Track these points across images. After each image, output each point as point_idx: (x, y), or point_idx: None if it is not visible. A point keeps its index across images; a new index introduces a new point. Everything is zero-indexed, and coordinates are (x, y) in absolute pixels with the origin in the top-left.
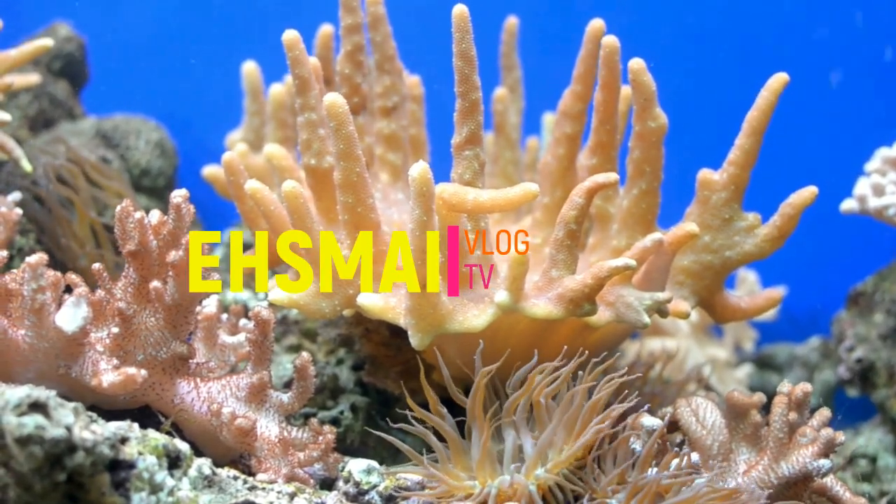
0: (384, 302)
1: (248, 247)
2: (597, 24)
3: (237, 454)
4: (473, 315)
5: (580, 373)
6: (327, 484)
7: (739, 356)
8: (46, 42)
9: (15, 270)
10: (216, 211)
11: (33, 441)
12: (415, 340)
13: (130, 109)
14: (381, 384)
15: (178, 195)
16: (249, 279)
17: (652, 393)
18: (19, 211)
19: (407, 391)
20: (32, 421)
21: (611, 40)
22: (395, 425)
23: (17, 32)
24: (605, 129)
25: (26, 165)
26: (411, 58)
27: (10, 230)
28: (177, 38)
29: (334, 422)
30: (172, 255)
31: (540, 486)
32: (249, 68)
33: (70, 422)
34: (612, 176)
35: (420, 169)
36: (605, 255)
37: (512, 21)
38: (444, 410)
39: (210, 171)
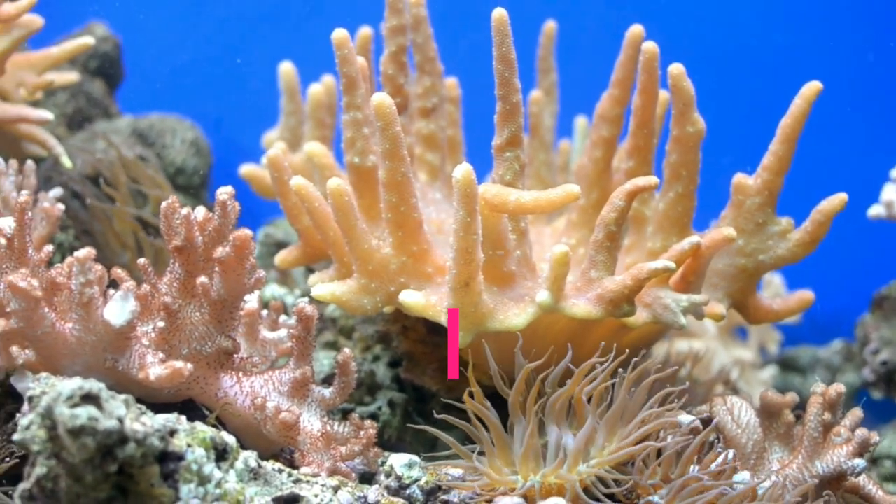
0: (426, 300)
1: (281, 245)
2: (636, 29)
3: (278, 448)
4: (514, 314)
5: (619, 370)
6: (367, 478)
7: (764, 358)
8: (88, 40)
9: (59, 265)
10: (247, 209)
11: (86, 432)
12: None
13: (163, 108)
14: (419, 381)
15: (224, 192)
16: (284, 276)
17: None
18: (61, 206)
19: (444, 388)
20: (85, 412)
21: (651, 46)
22: (439, 416)
23: (53, 31)
24: (642, 132)
25: (66, 162)
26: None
27: (53, 225)
28: (209, 39)
29: (372, 417)
30: (220, 252)
31: (581, 481)
32: (286, 69)
33: (122, 413)
34: (653, 179)
35: (464, 170)
36: (640, 256)
37: (550, 25)
38: (489, 404)
39: (248, 169)
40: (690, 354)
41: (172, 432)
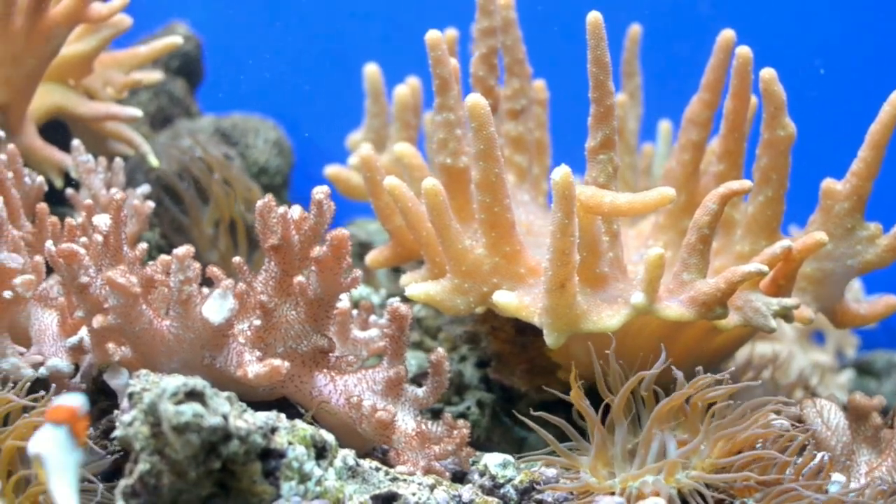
0: (519, 300)
1: (363, 245)
2: (727, 34)
3: (370, 447)
4: (608, 315)
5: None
6: (458, 477)
7: (840, 362)
8: (175, 40)
9: (153, 262)
10: None
11: (190, 429)
12: (550, 339)
13: (242, 108)
14: (508, 381)
15: (321, 191)
16: (368, 276)
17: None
18: (151, 204)
19: (533, 388)
20: (190, 409)
21: (744, 51)
22: (536, 415)
23: (134, 30)
24: (733, 136)
25: (153, 161)
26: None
27: (143, 223)
28: (288, 39)
29: (461, 417)
30: (317, 251)
31: (679, 489)
32: (371, 70)
33: (226, 410)
34: (747, 183)
35: (562, 172)
36: (728, 259)
37: (635, 29)
38: (588, 403)
39: (332, 170)
40: (772, 358)
41: (273, 430)
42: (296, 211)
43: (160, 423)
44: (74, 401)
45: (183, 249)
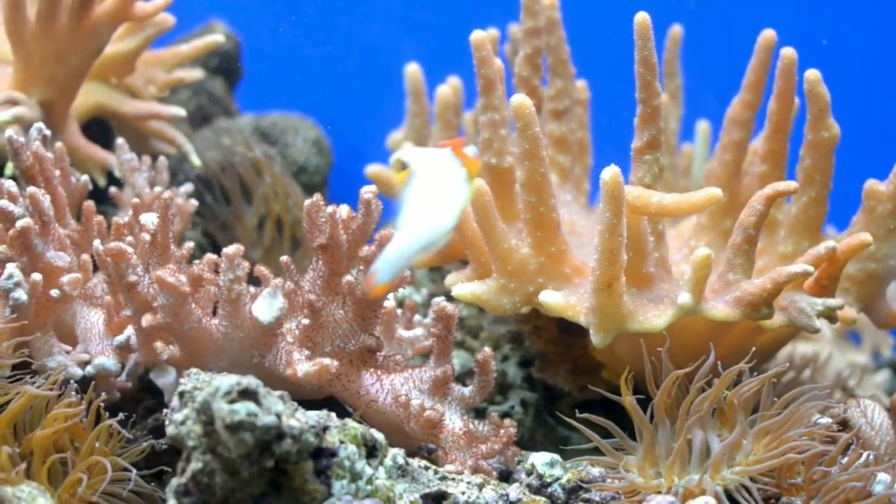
0: (565, 300)
1: None
2: (768, 34)
3: (416, 445)
4: (654, 315)
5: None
6: (504, 476)
7: (876, 362)
8: (217, 38)
9: (199, 261)
10: None
11: (244, 428)
12: (596, 339)
13: (280, 107)
14: (552, 380)
15: (369, 191)
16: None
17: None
18: (195, 203)
19: (577, 388)
20: (244, 408)
21: (789, 52)
22: (583, 416)
23: (173, 30)
24: (776, 137)
25: (195, 160)
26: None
27: (186, 222)
28: (326, 38)
29: (505, 416)
30: (366, 250)
31: (725, 486)
32: (412, 70)
33: (280, 409)
34: (793, 184)
35: (612, 172)
36: (771, 260)
37: (676, 30)
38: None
39: (374, 169)
40: (812, 358)
41: (325, 428)
42: (343, 210)
43: (213, 422)
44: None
45: (232, 248)
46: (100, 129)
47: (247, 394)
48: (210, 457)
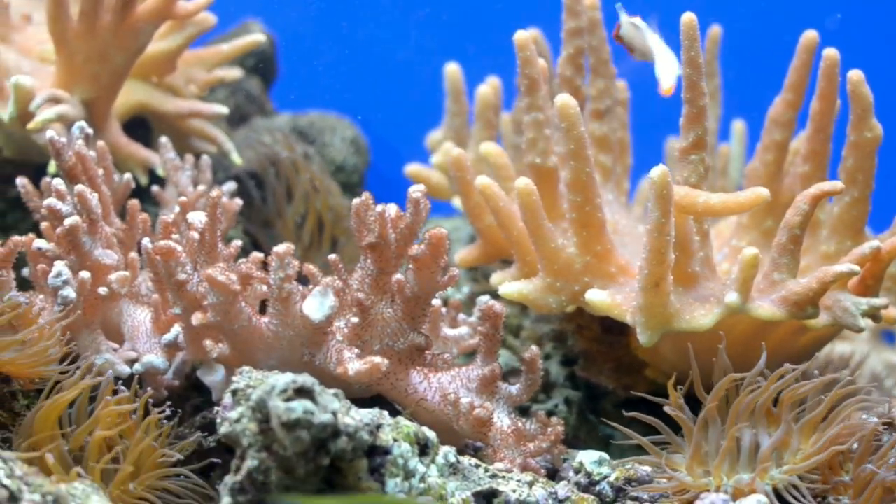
0: (611, 299)
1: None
2: (810, 35)
3: (463, 444)
4: (701, 314)
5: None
6: (550, 475)
7: None
8: (258, 38)
9: (245, 260)
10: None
11: (301, 426)
12: (643, 338)
13: (315, 106)
14: (595, 379)
15: (418, 190)
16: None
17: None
18: (239, 201)
19: (621, 387)
20: (301, 406)
21: (832, 52)
22: (630, 414)
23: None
24: (819, 137)
25: (236, 159)
26: None
27: (231, 220)
28: (360, 38)
29: (549, 415)
30: (415, 249)
31: (774, 485)
32: (452, 70)
33: (336, 407)
34: (838, 184)
35: (660, 171)
36: (814, 260)
37: (716, 30)
38: (683, 403)
39: (413, 168)
40: (850, 357)
41: (378, 426)
42: (392, 209)
43: (269, 420)
44: None
45: (283, 247)
46: (139, 127)
47: (303, 392)
48: (265, 454)
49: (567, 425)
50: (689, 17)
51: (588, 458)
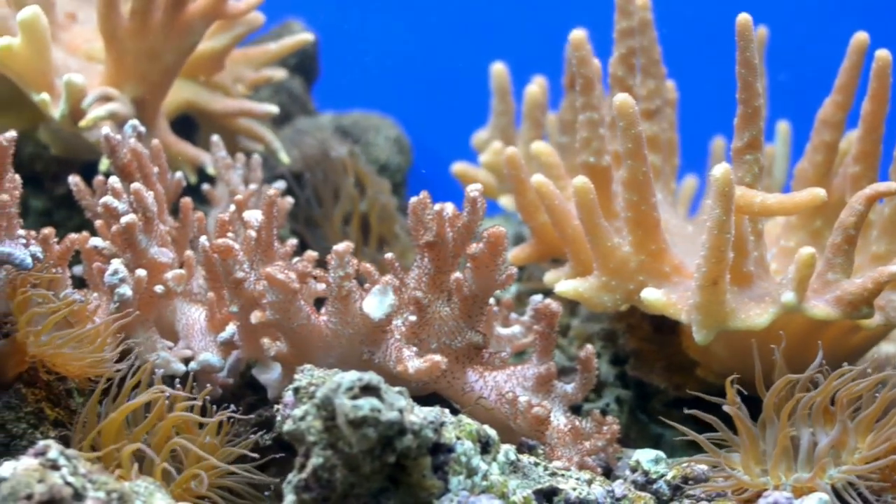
0: (666, 298)
1: None
2: (861, 36)
3: (517, 442)
4: (756, 314)
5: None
6: (605, 473)
7: None
8: (307, 37)
9: (300, 258)
10: None
11: (368, 423)
12: (699, 336)
13: (356, 106)
14: (647, 378)
15: (475, 189)
16: None
17: None
18: (290, 200)
19: (672, 386)
20: (368, 403)
21: (884, 54)
22: (689, 411)
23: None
24: (871, 138)
25: (284, 158)
26: None
27: (282, 219)
28: (401, 38)
29: (602, 414)
30: (474, 248)
31: (832, 484)
32: (498, 69)
33: (402, 405)
34: (893, 186)
35: (723, 170)
36: (864, 260)
37: (761, 31)
38: (740, 401)
39: (460, 167)
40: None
41: (441, 424)
42: (449, 208)
43: (334, 418)
44: None
45: (343, 246)
46: (182, 125)
47: (369, 389)
48: (331, 452)
49: (618, 423)
50: (744, 18)
51: (645, 456)
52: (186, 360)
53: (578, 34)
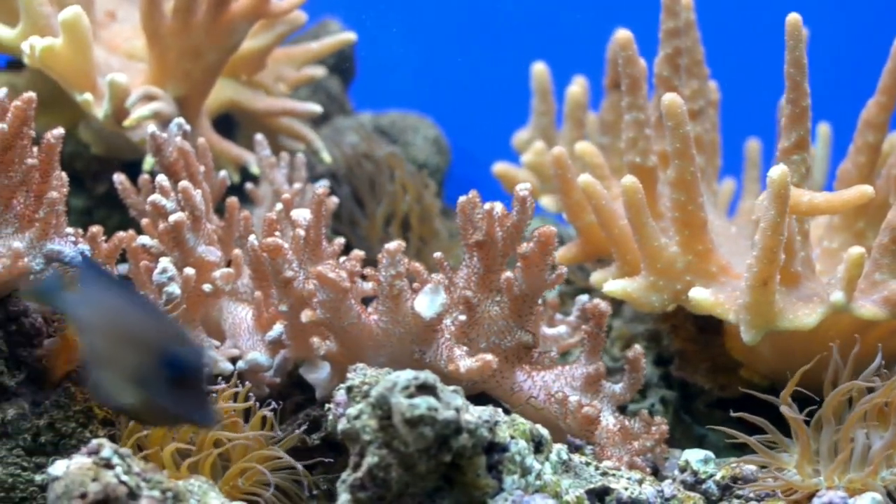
0: (714, 297)
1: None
2: None
3: (565, 442)
4: (804, 314)
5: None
6: (652, 473)
7: None
8: (349, 36)
9: (347, 257)
10: None
11: (424, 422)
12: (748, 336)
13: (393, 106)
14: (691, 378)
15: (524, 188)
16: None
17: None
18: (335, 199)
19: (717, 386)
20: (425, 402)
21: None
22: (737, 414)
23: None
24: None
25: (326, 157)
26: None
27: (327, 218)
28: (438, 36)
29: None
30: (524, 247)
31: (885, 485)
32: (539, 69)
33: (459, 404)
34: None
35: (780, 171)
36: None
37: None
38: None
39: (501, 167)
40: None
41: (496, 423)
42: (499, 207)
43: (390, 417)
44: None
45: (394, 244)
46: (222, 124)
47: (425, 388)
48: (386, 451)
49: None
50: (794, 18)
51: (694, 456)
52: (234, 360)
53: (625, 34)
